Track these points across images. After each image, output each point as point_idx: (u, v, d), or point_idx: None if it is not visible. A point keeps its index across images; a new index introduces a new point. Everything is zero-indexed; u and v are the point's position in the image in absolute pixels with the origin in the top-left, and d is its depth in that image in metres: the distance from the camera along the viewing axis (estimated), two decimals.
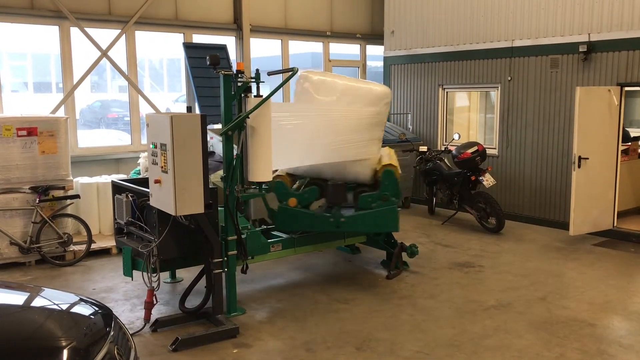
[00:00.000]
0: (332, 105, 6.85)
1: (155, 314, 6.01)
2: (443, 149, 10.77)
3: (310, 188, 7.02)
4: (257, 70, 6.02)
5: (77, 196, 8.24)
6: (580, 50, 9.12)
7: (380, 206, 6.85)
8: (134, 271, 6.12)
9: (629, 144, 10.20)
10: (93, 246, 8.20)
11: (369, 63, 13.88)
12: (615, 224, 9.13)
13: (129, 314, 6.17)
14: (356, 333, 5.69)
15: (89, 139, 10.46)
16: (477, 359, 5.16)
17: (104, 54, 9.71)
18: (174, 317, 5.94)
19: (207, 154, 5.38)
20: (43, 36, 9.62)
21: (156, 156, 5.42)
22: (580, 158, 8.52)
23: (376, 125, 6.94)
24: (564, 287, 6.97)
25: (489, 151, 10.26)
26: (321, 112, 6.75)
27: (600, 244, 8.85)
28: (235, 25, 11.27)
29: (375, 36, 13.45)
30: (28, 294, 3.80)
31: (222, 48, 10.67)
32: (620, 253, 8.38)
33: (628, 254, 8.33)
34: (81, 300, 3.68)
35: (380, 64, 13.02)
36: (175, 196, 5.17)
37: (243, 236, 6.10)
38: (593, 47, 9.06)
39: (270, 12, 11.94)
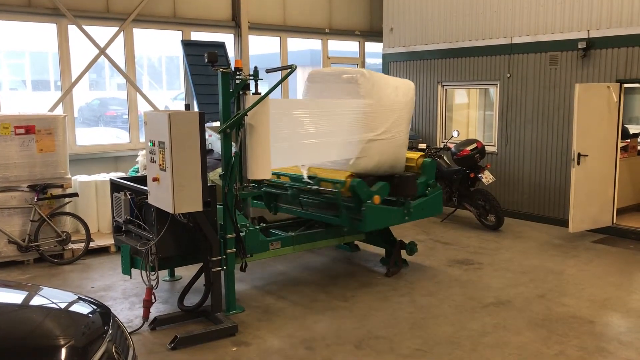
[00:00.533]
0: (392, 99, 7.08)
1: (154, 312, 6.00)
2: (442, 146, 10.76)
3: (383, 184, 6.86)
4: (256, 67, 6.00)
5: (75, 194, 8.23)
6: (580, 47, 9.11)
7: (431, 192, 7.31)
8: (132, 269, 6.11)
9: (628, 140, 10.21)
10: (91, 244, 8.19)
11: (367, 60, 13.86)
12: (614, 221, 9.13)
13: (128, 313, 6.16)
14: (355, 331, 5.69)
15: (87, 137, 10.44)
16: (476, 356, 5.16)
17: (102, 51, 9.69)
18: (172, 315, 5.93)
19: (205, 151, 5.36)
20: (41, 34, 9.59)
21: (154, 154, 5.40)
22: (579, 155, 8.52)
23: (410, 118, 7.33)
24: (563, 285, 6.96)
25: (488, 148, 10.25)
26: (387, 106, 6.99)
27: (599, 241, 8.84)
28: (234, 23, 11.24)
29: (374, 33, 13.43)
30: (26, 292, 3.79)
31: (221, 45, 10.65)
32: (619, 250, 8.38)
33: (627, 251, 8.33)
34: (79, 298, 3.67)
35: (379, 61, 13.01)
36: (174, 194, 5.16)
37: (242, 234, 6.09)
38: (592, 44, 9.05)
39: (268, 10, 11.92)
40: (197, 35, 10.86)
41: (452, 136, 10.37)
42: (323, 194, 6.78)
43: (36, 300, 3.63)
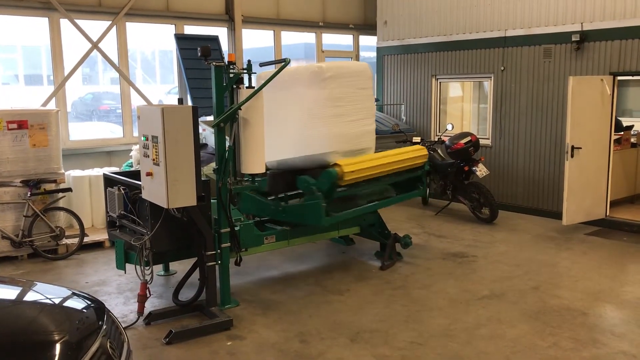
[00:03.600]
0: None
1: (149, 307, 6.00)
2: (436, 139, 10.77)
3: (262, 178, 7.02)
4: (249, 61, 5.99)
5: (69, 189, 8.19)
6: (573, 39, 9.12)
7: (307, 199, 7.22)
8: (126, 264, 6.10)
9: (622, 133, 10.23)
10: (85, 239, 8.17)
11: (362, 54, 13.84)
12: (607, 213, 9.17)
13: (122, 307, 6.15)
14: (350, 324, 5.70)
15: (80, 132, 10.39)
16: (471, 348, 5.18)
17: (95, 45, 9.63)
18: (167, 310, 5.93)
19: (199, 146, 5.35)
20: (33, 28, 9.52)
21: (148, 149, 5.38)
22: (573, 147, 8.54)
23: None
24: (557, 277, 6.99)
25: (482, 141, 10.27)
26: None
27: (593, 233, 8.88)
28: (227, 16, 11.20)
29: (368, 26, 13.40)
30: (20, 288, 3.78)
31: (214, 39, 10.60)
32: (612, 242, 8.42)
33: (620, 243, 8.37)
34: (74, 294, 3.66)
35: (374, 54, 12.99)
36: (168, 189, 5.14)
37: (236, 228, 6.08)
38: (586, 37, 9.05)
39: (262, 3, 11.87)
40: (191, 29, 10.81)
41: (447, 129, 10.37)
42: None
43: (30, 296, 3.63)
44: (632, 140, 10.42)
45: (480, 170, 9.50)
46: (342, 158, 6.62)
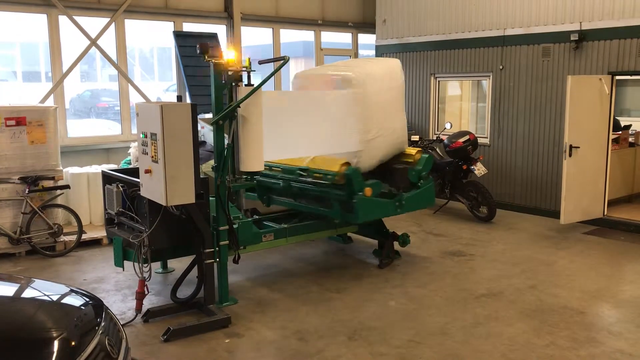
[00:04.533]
0: None
1: (147, 304, 6.00)
2: (435, 138, 10.77)
3: (375, 181, 6.98)
4: (248, 58, 5.98)
5: (67, 186, 8.19)
6: (572, 39, 9.13)
7: (423, 185, 7.53)
8: (125, 261, 6.10)
9: (620, 132, 10.25)
10: (84, 236, 8.17)
11: (361, 52, 13.83)
12: (605, 213, 9.19)
13: (120, 305, 6.16)
14: (348, 322, 5.71)
15: (78, 129, 10.39)
16: (468, 347, 5.19)
17: (93, 42, 9.61)
18: (165, 307, 5.93)
19: (197, 143, 5.35)
20: (32, 25, 9.51)
21: (146, 146, 5.38)
22: (571, 147, 8.55)
23: (403, 101, 7.71)
24: (554, 276, 7.01)
25: (480, 140, 10.28)
26: None
27: (590, 232, 8.90)
28: (226, 14, 11.18)
29: (367, 25, 13.39)
30: (18, 285, 3.78)
31: (213, 37, 10.59)
32: (610, 241, 8.44)
33: (618, 242, 8.38)
34: (72, 291, 3.66)
35: (373, 52, 12.98)
36: (166, 186, 5.14)
37: (234, 226, 6.08)
38: (584, 36, 9.06)
39: (261, 1, 11.86)
40: (189, 27, 10.79)
41: (445, 128, 10.37)
42: (316, 185, 6.78)
43: (28, 293, 3.62)
44: (630, 139, 10.44)
45: (479, 169, 9.51)
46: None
